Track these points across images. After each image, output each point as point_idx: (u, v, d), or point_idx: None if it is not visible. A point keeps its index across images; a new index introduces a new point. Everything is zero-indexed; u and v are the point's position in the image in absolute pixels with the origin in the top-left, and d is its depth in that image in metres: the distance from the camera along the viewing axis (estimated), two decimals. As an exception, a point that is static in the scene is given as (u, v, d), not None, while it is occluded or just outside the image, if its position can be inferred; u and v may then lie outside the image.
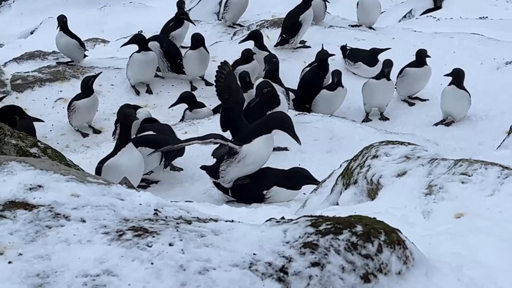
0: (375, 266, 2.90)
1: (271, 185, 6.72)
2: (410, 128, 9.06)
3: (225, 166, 6.73)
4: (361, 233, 2.96)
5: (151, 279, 2.70)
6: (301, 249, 2.89)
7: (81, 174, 3.45)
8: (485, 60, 10.33)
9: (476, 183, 3.97)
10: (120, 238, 2.89)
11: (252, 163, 6.70)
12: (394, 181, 4.32)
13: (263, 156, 6.73)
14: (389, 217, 3.52)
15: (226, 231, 3.02)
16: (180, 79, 10.45)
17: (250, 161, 6.67)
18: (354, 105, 9.82)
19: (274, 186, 6.71)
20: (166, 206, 3.29)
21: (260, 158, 6.71)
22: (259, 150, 6.66)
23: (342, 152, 7.33)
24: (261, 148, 6.66)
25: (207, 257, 2.83)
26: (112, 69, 10.61)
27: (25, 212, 3.01)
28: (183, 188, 7.28)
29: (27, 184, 3.17)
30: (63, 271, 2.71)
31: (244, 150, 6.62)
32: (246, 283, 2.74)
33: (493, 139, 8.42)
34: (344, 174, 4.84)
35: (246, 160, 6.65)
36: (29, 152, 4.82)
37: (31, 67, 11.04)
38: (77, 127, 9.42)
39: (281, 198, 6.70)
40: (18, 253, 2.78)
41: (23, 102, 9.86)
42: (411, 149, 4.58)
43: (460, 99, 9.05)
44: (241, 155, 6.64)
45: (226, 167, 6.72)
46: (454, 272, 3.05)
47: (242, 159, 6.63)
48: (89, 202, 3.12)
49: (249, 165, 6.70)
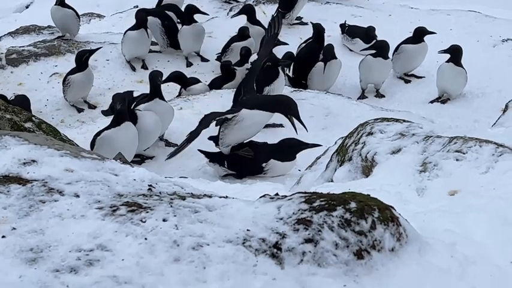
0: (368, 242, 2.90)
1: (269, 158, 6.85)
2: (406, 105, 9.05)
3: (223, 128, 6.81)
4: (354, 209, 2.96)
5: (145, 254, 2.71)
6: (295, 226, 2.89)
7: (75, 149, 3.44)
8: (482, 37, 10.30)
9: (471, 160, 3.97)
10: (114, 213, 2.89)
11: (248, 126, 6.79)
12: (389, 158, 4.32)
13: (259, 123, 6.86)
14: (384, 194, 3.53)
15: (220, 207, 3.02)
16: (176, 55, 10.41)
17: (248, 123, 6.77)
18: (350, 82, 9.80)
19: (271, 159, 6.84)
20: (160, 181, 3.29)
21: (256, 124, 6.83)
22: (256, 117, 6.78)
23: (337, 129, 7.33)
24: (258, 116, 6.78)
25: (200, 232, 2.83)
26: (107, 44, 10.56)
27: (19, 186, 3.00)
28: (177, 164, 7.27)
29: (21, 159, 3.17)
30: (57, 246, 2.72)
31: (242, 114, 6.72)
32: (240, 259, 2.75)
33: (489, 117, 8.42)
34: (339, 151, 4.84)
35: (242, 123, 6.74)
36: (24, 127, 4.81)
37: (26, 41, 10.97)
38: (72, 102, 9.39)
39: (279, 171, 6.87)
40: (12, 227, 2.78)
41: (18, 77, 9.83)
42: (406, 126, 4.58)
43: (457, 76, 9.03)
44: (239, 118, 6.74)
45: (224, 129, 6.80)
46: (448, 249, 3.06)
47: (239, 122, 6.74)
48: (82, 177, 3.12)
49: (245, 128, 6.79)
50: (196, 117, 7.90)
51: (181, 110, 8.08)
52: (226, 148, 6.89)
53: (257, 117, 6.77)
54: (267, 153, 6.87)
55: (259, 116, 6.78)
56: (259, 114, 6.76)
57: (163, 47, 10.44)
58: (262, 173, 6.86)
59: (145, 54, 10.21)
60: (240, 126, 6.74)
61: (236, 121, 6.73)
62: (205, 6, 12.14)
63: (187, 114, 8.03)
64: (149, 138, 7.20)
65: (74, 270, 2.62)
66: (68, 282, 2.58)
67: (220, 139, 6.89)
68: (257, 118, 6.78)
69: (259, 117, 6.79)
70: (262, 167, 6.86)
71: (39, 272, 2.60)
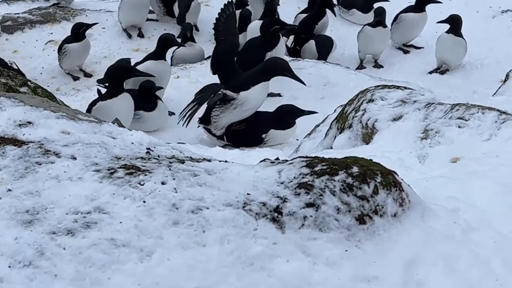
0: (370, 207, 2.86)
1: (269, 128, 6.77)
2: (405, 75, 8.98)
3: (219, 112, 6.71)
4: (357, 174, 2.91)
5: (143, 217, 2.66)
6: (296, 190, 2.85)
7: (71, 112, 3.38)
8: (481, 8, 10.22)
9: (473, 127, 3.92)
10: (112, 176, 2.84)
11: (249, 109, 6.73)
12: (390, 125, 4.27)
13: (259, 102, 6.78)
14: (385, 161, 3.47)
15: (219, 171, 2.97)
16: (173, 23, 10.30)
17: (248, 107, 6.70)
18: (348, 52, 9.72)
19: (271, 129, 6.77)
20: (158, 145, 3.23)
21: (256, 103, 6.76)
22: (257, 96, 6.71)
23: (335, 99, 7.25)
24: (258, 95, 6.71)
25: (200, 196, 2.78)
26: (104, 11, 10.45)
27: (14, 148, 2.94)
28: (175, 133, 7.21)
29: (16, 120, 3.11)
30: (53, 208, 2.67)
31: (241, 97, 6.65)
32: (240, 222, 2.70)
33: (488, 88, 8.36)
34: (339, 119, 4.79)
35: (243, 106, 6.67)
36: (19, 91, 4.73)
37: (21, 8, 10.84)
38: (67, 70, 9.29)
39: (279, 140, 6.81)
40: (7, 189, 2.73)
41: (13, 44, 9.73)
42: (407, 93, 4.53)
43: (457, 46, 8.96)
44: (238, 101, 6.66)
45: (220, 113, 6.70)
46: (450, 215, 3.02)
47: (239, 105, 6.66)
48: (79, 139, 3.06)
49: (246, 111, 6.72)
50: (193, 86, 7.85)
51: (178, 78, 8.01)
52: (221, 130, 6.83)
53: (257, 94, 6.69)
54: (266, 123, 6.79)
55: (259, 91, 6.69)
56: (258, 89, 6.68)
57: (159, 15, 10.34)
58: (262, 143, 6.78)
59: (142, 21, 10.09)
60: (241, 109, 6.69)
61: (236, 105, 6.65)
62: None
63: (184, 82, 7.96)
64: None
65: (70, 232, 2.58)
66: (65, 244, 2.53)
67: (214, 122, 6.80)
68: (257, 95, 6.70)
69: (259, 93, 6.70)
70: (262, 138, 6.79)
71: (35, 234, 2.56)
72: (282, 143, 6.75)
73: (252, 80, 6.70)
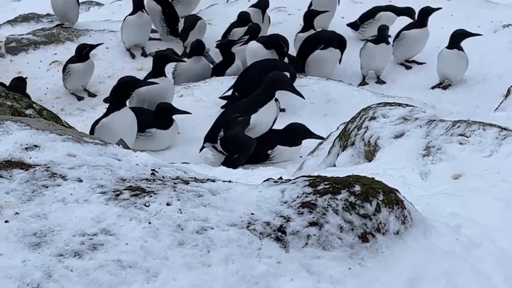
0: (373, 225, 2.89)
1: (275, 144, 6.83)
2: (407, 91, 9.01)
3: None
4: (359, 192, 2.95)
5: (149, 238, 2.70)
6: (299, 209, 2.88)
7: (77, 134, 3.42)
8: (483, 23, 10.25)
9: (475, 144, 3.96)
10: (118, 198, 2.88)
11: (259, 131, 6.83)
12: (392, 142, 4.31)
13: (270, 123, 6.90)
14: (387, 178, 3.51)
15: (223, 191, 3.01)
16: (176, 42, 10.37)
17: (258, 130, 6.81)
18: (350, 69, 9.76)
19: (277, 145, 6.84)
20: (163, 166, 3.27)
21: (267, 125, 6.88)
22: (267, 117, 6.83)
23: (338, 115, 7.30)
24: (268, 115, 6.83)
25: (204, 216, 2.81)
26: (107, 32, 10.52)
27: (21, 171, 2.98)
28: (178, 151, 7.27)
29: (23, 144, 3.15)
30: (60, 230, 2.70)
31: (252, 121, 6.73)
32: (244, 242, 2.73)
33: (490, 102, 8.40)
34: (341, 136, 4.83)
35: (254, 129, 6.77)
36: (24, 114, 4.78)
37: (25, 30, 10.93)
38: (72, 90, 9.36)
39: (285, 157, 6.88)
40: (15, 212, 2.77)
41: (18, 65, 9.80)
42: (409, 110, 4.56)
43: (458, 60, 8.99)
44: (251, 126, 6.76)
45: None
46: (452, 231, 3.05)
47: (251, 129, 6.75)
48: (85, 162, 3.10)
49: (256, 133, 6.81)
50: (196, 104, 7.91)
51: (181, 97, 8.05)
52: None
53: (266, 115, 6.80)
54: (273, 139, 6.85)
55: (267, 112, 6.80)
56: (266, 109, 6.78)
57: (163, 35, 10.41)
58: (268, 160, 6.84)
59: (145, 40, 10.15)
60: (253, 132, 6.76)
61: (248, 129, 6.73)
62: (205, -6, 12.09)
63: (188, 101, 8.01)
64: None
65: (78, 254, 2.61)
66: (72, 266, 2.56)
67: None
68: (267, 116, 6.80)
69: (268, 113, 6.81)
70: (268, 154, 6.84)
71: (42, 256, 2.59)
72: (287, 160, 6.79)
73: (258, 102, 6.79)
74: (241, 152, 6.66)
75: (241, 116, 6.77)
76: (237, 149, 6.70)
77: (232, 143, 6.76)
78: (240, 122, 6.74)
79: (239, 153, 6.65)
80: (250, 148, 6.63)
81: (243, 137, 6.70)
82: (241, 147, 6.69)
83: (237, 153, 6.66)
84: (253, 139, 6.66)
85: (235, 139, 6.77)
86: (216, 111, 7.69)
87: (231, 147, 6.75)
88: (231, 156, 6.70)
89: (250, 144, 6.64)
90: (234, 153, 6.69)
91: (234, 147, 6.73)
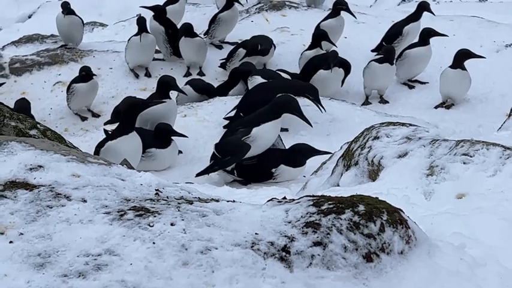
0: (377, 245, 2.89)
1: (279, 163, 6.83)
2: (410, 110, 9.03)
3: None
4: (363, 212, 2.95)
5: (153, 258, 2.70)
6: (304, 229, 2.88)
7: (81, 155, 3.43)
8: (485, 43, 10.28)
9: (478, 163, 3.96)
10: (122, 218, 2.88)
11: (259, 146, 6.82)
12: (396, 162, 4.31)
13: (270, 140, 6.90)
14: (391, 198, 3.52)
15: (227, 211, 3.01)
16: (179, 62, 10.41)
17: (259, 143, 6.80)
18: (353, 88, 9.78)
19: (281, 164, 6.83)
20: (167, 186, 3.28)
21: (268, 141, 6.88)
22: (269, 133, 6.83)
23: (341, 135, 7.32)
24: (270, 132, 6.84)
25: (208, 236, 2.82)
26: (111, 52, 10.56)
27: (26, 192, 2.99)
28: (182, 171, 7.28)
29: (27, 164, 3.16)
30: (65, 251, 2.70)
31: (253, 134, 6.74)
32: (248, 262, 2.73)
33: (493, 122, 8.40)
34: (345, 156, 4.83)
35: (256, 142, 6.77)
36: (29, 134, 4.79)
37: (29, 50, 10.97)
38: (75, 110, 9.39)
39: (288, 177, 6.87)
40: (19, 233, 2.77)
41: (22, 86, 9.84)
42: (412, 130, 4.57)
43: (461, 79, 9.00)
44: (252, 138, 6.74)
45: None
46: (457, 251, 3.05)
47: (251, 142, 6.74)
48: (89, 182, 3.11)
49: (258, 147, 6.81)
50: (200, 124, 7.93)
51: (185, 117, 8.08)
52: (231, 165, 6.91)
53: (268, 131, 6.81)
54: (277, 158, 6.85)
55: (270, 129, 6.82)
56: (269, 126, 6.79)
57: (166, 55, 10.44)
58: (271, 179, 6.84)
59: (149, 61, 10.19)
60: (254, 146, 6.76)
61: (249, 141, 6.74)
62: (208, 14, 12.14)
63: (191, 121, 8.03)
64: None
65: (82, 275, 2.61)
66: (76, 287, 2.56)
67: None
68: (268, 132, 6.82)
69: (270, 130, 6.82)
70: (272, 172, 6.84)
71: (47, 277, 2.59)
72: (290, 179, 6.80)
73: (263, 117, 6.81)
74: (234, 154, 6.65)
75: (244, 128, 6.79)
76: (230, 151, 6.71)
77: (227, 147, 6.81)
78: (240, 132, 6.77)
79: (231, 155, 6.64)
80: (243, 151, 6.63)
81: (237, 141, 6.72)
82: (234, 150, 6.70)
83: (230, 155, 6.65)
84: (247, 144, 6.66)
85: (230, 142, 6.83)
86: (220, 131, 7.71)
87: (224, 149, 6.78)
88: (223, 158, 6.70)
89: (245, 148, 6.64)
90: (226, 156, 6.69)
91: (227, 149, 6.76)
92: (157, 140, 7.19)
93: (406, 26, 10.10)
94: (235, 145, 6.74)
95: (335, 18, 10.34)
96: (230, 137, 6.90)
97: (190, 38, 10.04)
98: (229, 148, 6.78)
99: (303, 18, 11.28)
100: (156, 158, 7.22)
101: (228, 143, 6.87)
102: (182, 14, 11.37)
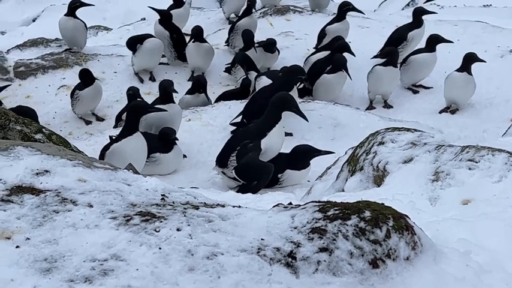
0: (383, 251, 2.88)
1: (284, 168, 6.84)
2: (414, 115, 9.03)
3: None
4: (369, 218, 2.95)
5: (159, 264, 2.70)
6: (310, 235, 2.88)
7: (87, 160, 3.44)
8: (490, 47, 10.29)
9: (484, 169, 3.96)
10: (128, 223, 2.88)
11: (270, 155, 6.86)
12: (401, 168, 4.31)
13: (280, 145, 6.94)
14: (397, 203, 3.51)
15: (233, 217, 3.01)
16: (184, 66, 10.42)
17: (269, 154, 6.83)
18: (358, 93, 9.79)
19: (287, 169, 6.83)
20: (173, 191, 3.28)
21: (277, 147, 6.91)
22: (277, 140, 6.87)
23: (346, 140, 7.32)
24: (277, 138, 6.87)
25: (214, 242, 2.82)
26: (115, 56, 10.58)
27: (32, 196, 3.00)
28: (186, 176, 7.28)
29: (33, 169, 3.16)
30: (71, 256, 2.71)
31: (264, 147, 6.80)
32: (254, 268, 2.73)
33: (497, 127, 8.41)
34: (350, 161, 4.83)
35: (266, 154, 6.80)
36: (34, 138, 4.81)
37: (34, 54, 11.00)
38: (80, 115, 9.40)
39: (294, 181, 6.88)
40: (26, 237, 2.77)
41: (26, 90, 9.86)
42: (417, 135, 4.57)
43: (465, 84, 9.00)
44: (264, 151, 6.80)
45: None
46: (462, 257, 3.04)
47: (262, 154, 6.79)
48: (95, 187, 3.11)
49: (267, 157, 6.84)
50: (204, 129, 7.94)
51: (189, 121, 8.08)
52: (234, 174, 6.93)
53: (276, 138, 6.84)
54: (281, 163, 6.85)
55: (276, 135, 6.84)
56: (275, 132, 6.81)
57: (170, 59, 10.46)
58: (277, 184, 6.84)
59: (155, 65, 10.23)
60: (264, 157, 6.79)
61: (264, 154, 6.78)
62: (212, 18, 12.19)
63: (196, 125, 8.04)
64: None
65: (88, 280, 2.61)
66: (83, 292, 2.57)
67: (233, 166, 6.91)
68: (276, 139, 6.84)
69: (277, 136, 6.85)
70: (278, 177, 6.84)
71: (53, 282, 2.59)
72: (295, 184, 6.80)
73: (266, 125, 6.81)
74: (260, 178, 6.62)
75: (251, 141, 6.78)
76: (255, 175, 6.66)
77: (250, 171, 6.70)
78: (251, 148, 6.75)
79: (258, 180, 6.62)
80: (269, 173, 6.61)
81: (260, 163, 6.68)
82: (259, 174, 6.65)
83: (256, 179, 6.63)
84: (271, 164, 6.65)
85: (253, 166, 6.72)
86: (224, 135, 7.71)
87: (248, 174, 6.71)
88: (249, 183, 6.66)
89: (269, 169, 6.61)
90: (252, 180, 6.65)
91: (252, 174, 6.69)
92: (160, 144, 7.19)
93: (411, 31, 10.09)
94: (258, 167, 6.68)
95: (341, 22, 10.36)
96: (247, 159, 6.76)
97: (199, 43, 10.06)
98: (253, 172, 6.71)
99: (307, 22, 11.30)
100: (161, 162, 7.22)
101: (248, 166, 6.74)
102: (187, 18, 11.42)
